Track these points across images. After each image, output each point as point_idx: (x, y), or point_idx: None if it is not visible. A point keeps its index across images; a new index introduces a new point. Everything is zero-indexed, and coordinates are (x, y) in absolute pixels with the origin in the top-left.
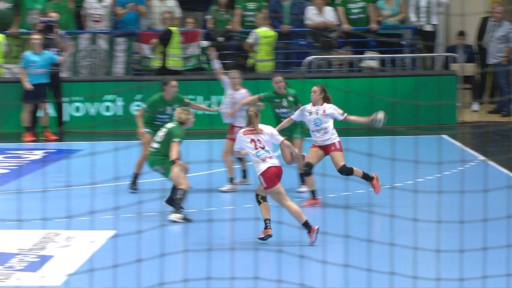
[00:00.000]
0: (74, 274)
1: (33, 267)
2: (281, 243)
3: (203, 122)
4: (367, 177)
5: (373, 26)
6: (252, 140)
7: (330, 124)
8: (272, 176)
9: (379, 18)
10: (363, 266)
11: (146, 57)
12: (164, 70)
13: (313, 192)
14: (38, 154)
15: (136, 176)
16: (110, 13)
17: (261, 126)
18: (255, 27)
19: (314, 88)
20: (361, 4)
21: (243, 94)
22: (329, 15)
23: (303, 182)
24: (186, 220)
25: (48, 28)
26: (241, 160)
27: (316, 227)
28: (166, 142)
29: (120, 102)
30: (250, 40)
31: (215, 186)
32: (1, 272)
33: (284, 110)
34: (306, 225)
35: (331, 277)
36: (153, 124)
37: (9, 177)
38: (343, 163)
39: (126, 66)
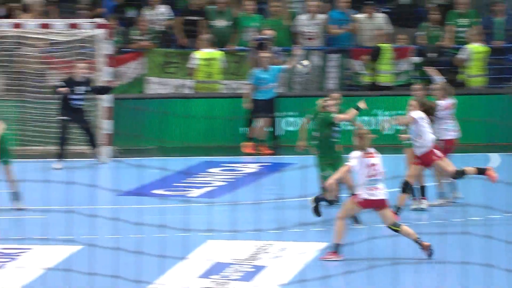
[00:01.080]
0: (286, 285)
1: (247, 277)
2: (489, 258)
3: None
4: (481, 171)
5: None
6: (372, 165)
7: (421, 130)
8: (366, 207)
9: None
10: None
11: (357, 73)
12: (374, 86)
13: (398, 208)
14: (253, 168)
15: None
16: (323, 30)
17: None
18: (467, 43)
19: (412, 102)
20: None
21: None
22: None
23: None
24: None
25: (260, 45)
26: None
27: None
28: (322, 132)
29: None
30: (461, 55)
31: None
32: (217, 281)
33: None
34: (335, 245)
35: None
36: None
37: (225, 189)
38: (453, 169)
39: (338, 82)
